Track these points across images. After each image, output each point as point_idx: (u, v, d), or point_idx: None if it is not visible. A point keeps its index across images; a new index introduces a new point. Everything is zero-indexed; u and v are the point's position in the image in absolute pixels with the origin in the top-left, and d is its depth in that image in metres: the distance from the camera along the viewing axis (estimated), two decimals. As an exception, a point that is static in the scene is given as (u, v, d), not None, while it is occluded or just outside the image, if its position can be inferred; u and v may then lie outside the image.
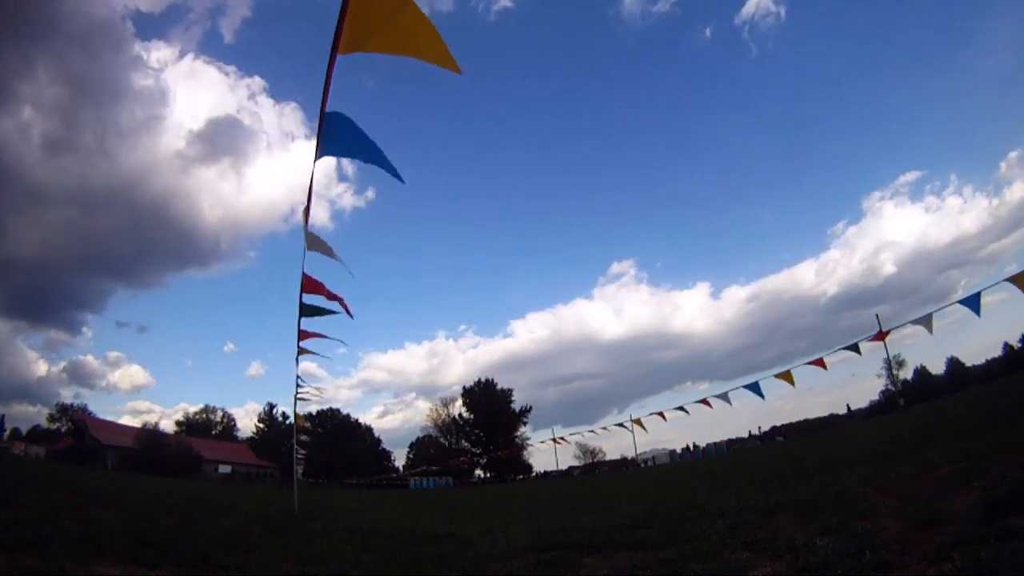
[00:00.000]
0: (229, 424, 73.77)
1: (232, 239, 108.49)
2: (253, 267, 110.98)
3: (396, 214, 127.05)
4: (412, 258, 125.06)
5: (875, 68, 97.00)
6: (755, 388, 15.80)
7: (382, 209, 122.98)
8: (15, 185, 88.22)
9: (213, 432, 69.50)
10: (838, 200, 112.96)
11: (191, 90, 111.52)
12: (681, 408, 20.09)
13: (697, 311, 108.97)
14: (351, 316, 8.99)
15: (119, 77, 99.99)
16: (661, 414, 22.21)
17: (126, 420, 61.80)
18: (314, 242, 6.15)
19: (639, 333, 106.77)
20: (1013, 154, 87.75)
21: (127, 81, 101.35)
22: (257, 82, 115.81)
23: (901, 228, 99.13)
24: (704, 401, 18.76)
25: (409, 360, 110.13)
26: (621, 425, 27.72)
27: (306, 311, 9.07)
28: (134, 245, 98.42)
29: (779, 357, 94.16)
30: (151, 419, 67.30)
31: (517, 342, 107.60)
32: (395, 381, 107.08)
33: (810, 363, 15.52)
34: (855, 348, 15.52)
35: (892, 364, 48.09)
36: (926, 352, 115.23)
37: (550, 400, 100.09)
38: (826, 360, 15.51)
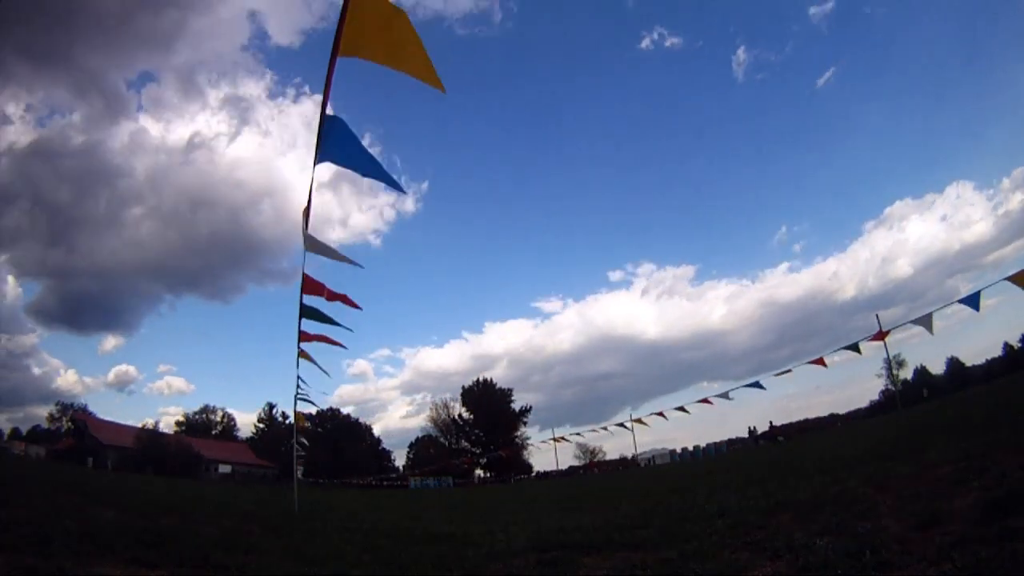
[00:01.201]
0: (229, 424, 73.77)
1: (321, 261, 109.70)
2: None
3: (451, 214, 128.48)
4: (466, 254, 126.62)
5: (904, 93, 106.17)
6: (757, 386, 15.80)
7: (433, 209, 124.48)
8: (124, 197, 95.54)
9: (213, 432, 69.47)
10: (865, 208, 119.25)
11: (303, 122, 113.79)
12: (681, 408, 20.12)
13: (724, 310, 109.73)
14: (359, 307, 8.85)
15: (243, 106, 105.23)
16: (661, 414, 22.22)
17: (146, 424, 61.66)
18: (313, 244, 6.11)
19: (668, 334, 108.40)
20: (1017, 170, 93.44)
21: (250, 110, 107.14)
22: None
23: (919, 237, 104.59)
24: (705, 400, 18.80)
25: (455, 358, 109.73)
26: (622, 425, 27.71)
27: (306, 313, 9.05)
28: (225, 261, 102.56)
29: (793, 356, 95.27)
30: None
31: (560, 338, 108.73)
32: (433, 382, 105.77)
33: (810, 362, 15.54)
34: (855, 348, 15.54)
35: (892, 364, 48.05)
36: (926, 352, 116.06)
37: (567, 399, 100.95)
38: (827, 360, 15.55)
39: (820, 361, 15.45)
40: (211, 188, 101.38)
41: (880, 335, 16.60)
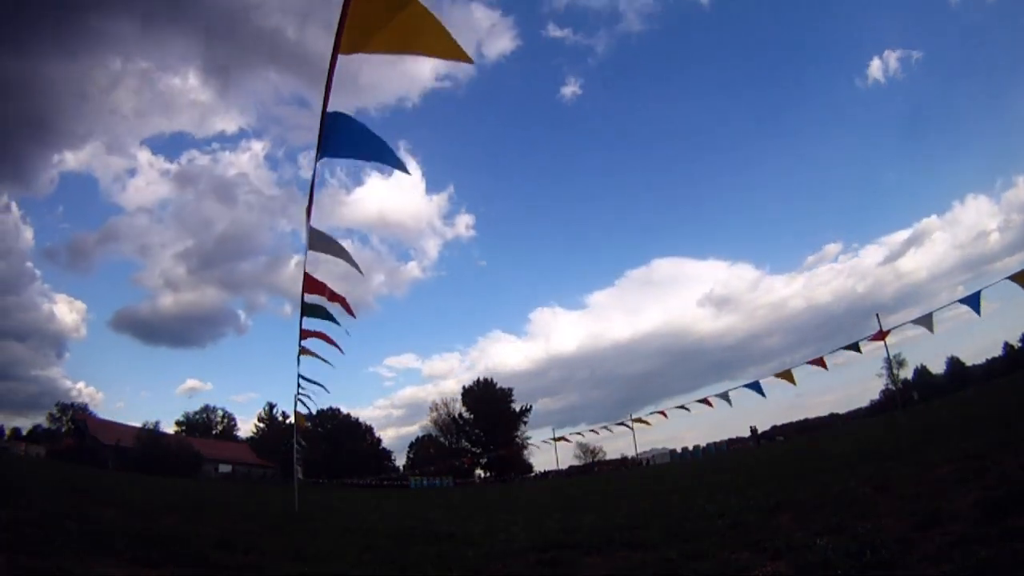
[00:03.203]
0: (229, 424, 73.78)
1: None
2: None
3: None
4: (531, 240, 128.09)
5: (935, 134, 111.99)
6: (756, 387, 15.77)
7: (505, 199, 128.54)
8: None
9: (213, 432, 69.47)
10: (895, 222, 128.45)
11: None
12: (682, 407, 20.09)
13: (765, 310, 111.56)
14: (353, 316, 9.04)
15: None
16: (663, 413, 22.20)
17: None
18: (318, 241, 6.07)
19: (710, 332, 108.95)
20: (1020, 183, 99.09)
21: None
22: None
23: (939, 247, 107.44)
24: (705, 401, 18.79)
25: (519, 357, 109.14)
26: (622, 424, 27.70)
27: (308, 310, 9.07)
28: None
29: (812, 355, 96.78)
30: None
31: (611, 335, 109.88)
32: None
33: (810, 363, 15.54)
34: (855, 348, 15.53)
35: (892, 364, 47.94)
36: (927, 352, 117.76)
37: (597, 397, 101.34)
38: (828, 360, 15.55)
39: (820, 362, 15.44)
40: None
41: (880, 335, 16.58)
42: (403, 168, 3.68)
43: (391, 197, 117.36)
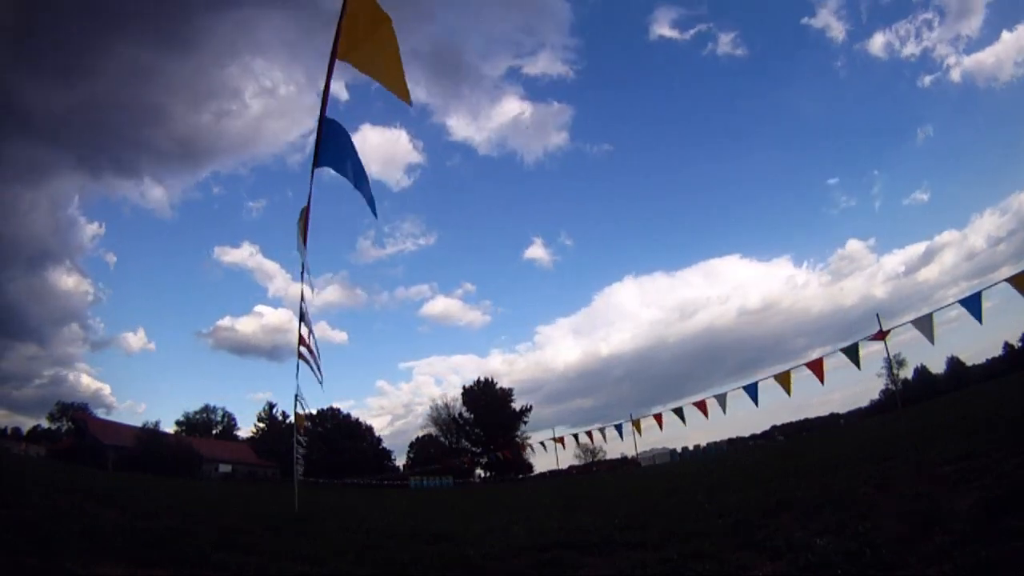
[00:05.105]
0: (229, 423, 73.75)
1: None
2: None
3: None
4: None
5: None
6: (752, 389, 15.74)
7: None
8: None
9: (213, 432, 69.44)
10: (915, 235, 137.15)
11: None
12: (678, 411, 20.02)
13: (801, 312, 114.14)
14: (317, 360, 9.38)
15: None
16: (658, 417, 22.13)
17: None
18: (302, 249, 6.31)
19: (743, 331, 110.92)
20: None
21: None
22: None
23: (952, 255, 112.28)
24: (701, 404, 18.74)
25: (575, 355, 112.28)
26: (618, 428, 27.61)
27: (303, 317, 9.13)
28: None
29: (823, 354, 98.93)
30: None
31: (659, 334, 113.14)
32: (541, 380, 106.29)
33: (808, 364, 15.51)
34: (855, 348, 15.50)
35: (892, 364, 47.89)
36: (927, 351, 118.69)
37: (622, 394, 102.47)
38: (827, 362, 15.51)
39: (819, 364, 15.41)
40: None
41: (880, 335, 16.56)
42: (373, 209, 3.74)
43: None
